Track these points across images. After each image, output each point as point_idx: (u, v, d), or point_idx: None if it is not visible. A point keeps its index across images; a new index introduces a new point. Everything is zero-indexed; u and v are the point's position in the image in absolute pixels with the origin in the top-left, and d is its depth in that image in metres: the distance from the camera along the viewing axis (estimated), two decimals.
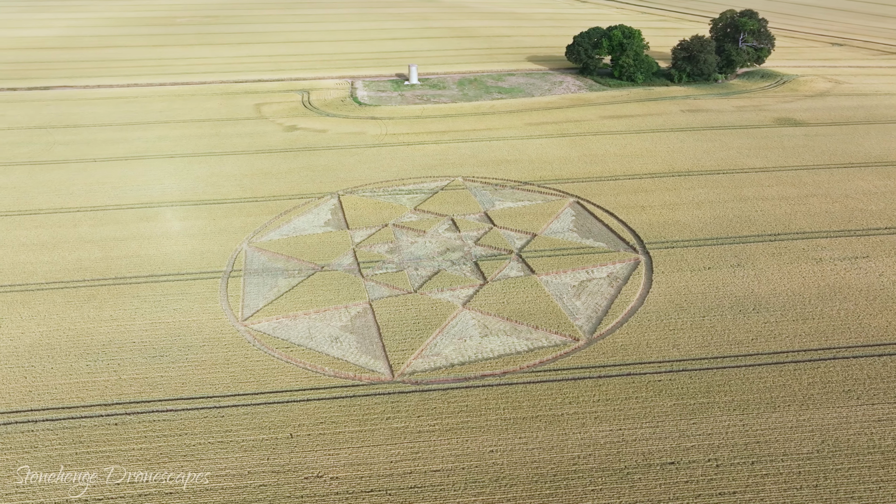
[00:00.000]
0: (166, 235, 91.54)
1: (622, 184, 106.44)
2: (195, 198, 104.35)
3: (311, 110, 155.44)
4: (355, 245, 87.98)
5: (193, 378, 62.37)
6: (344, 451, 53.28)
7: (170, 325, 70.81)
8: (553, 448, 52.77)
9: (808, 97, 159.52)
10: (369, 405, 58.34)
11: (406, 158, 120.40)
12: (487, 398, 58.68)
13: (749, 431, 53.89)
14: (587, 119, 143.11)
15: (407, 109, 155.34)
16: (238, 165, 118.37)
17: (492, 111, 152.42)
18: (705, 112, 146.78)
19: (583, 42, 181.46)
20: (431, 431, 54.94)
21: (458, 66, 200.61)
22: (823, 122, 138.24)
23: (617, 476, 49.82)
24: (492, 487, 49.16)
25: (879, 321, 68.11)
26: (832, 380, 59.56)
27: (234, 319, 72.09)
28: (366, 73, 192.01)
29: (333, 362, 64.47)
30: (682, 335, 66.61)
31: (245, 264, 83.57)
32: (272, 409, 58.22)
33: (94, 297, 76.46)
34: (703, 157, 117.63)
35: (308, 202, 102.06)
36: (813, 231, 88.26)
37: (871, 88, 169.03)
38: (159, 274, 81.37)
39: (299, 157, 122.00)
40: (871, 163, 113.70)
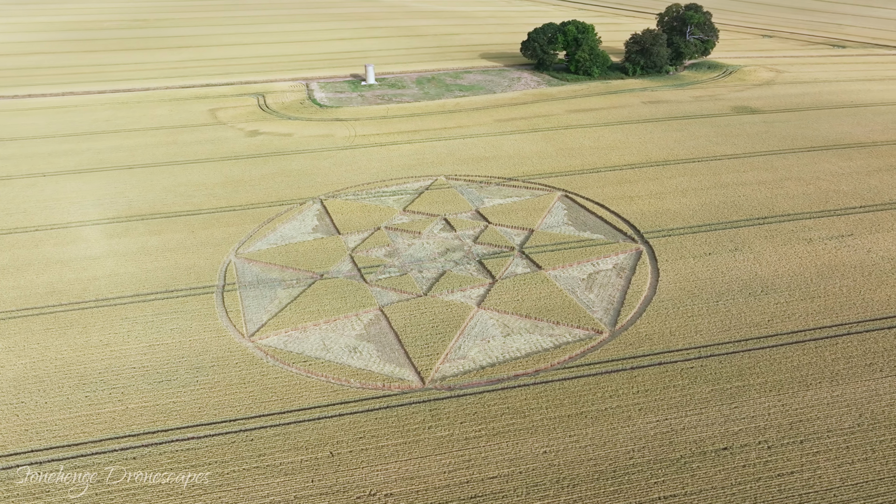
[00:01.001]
0: (144, 251, 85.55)
1: (605, 176, 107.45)
2: (166, 210, 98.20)
3: (270, 114, 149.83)
4: (351, 250, 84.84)
5: (210, 401, 58.13)
6: (392, 465, 50.77)
7: (170, 347, 65.92)
8: (605, 443, 52.02)
9: (756, 86, 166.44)
10: (407, 415, 55.93)
11: (382, 159, 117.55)
12: (527, 398, 57.36)
13: (789, 411, 54.87)
14: (555, 114, 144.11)
15: (371, 110, 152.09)
16: (205, 174, 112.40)
17: (457, 109, 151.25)
18: (666, 103, 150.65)
19: (538, 38, 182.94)
20: (478, 437, 53.14)
21: (412, 65, 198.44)
22: (777, 109, 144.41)
23: (675, 466, 49.56)
24: (555, 489, 47.90)
25: (880, 295, 71.09)
26: (853, 354, 61.57)
27: (240, 336, 67.88)
28: (320, 75, 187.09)
29: (357, 373, 61.58)
30: (701, 321, 67.38)
31: (238, 277, 79.07)
32: (304, 427, 54.91)
33: (77, 322, 70.37)
34: (676, 146, 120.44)
35: (290, 209, 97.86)
36: (796, 213, 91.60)
37: (811, 76, 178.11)
38: (145, 293, 75.82)
39: (270, 163, 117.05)
40: (830, 146, 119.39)
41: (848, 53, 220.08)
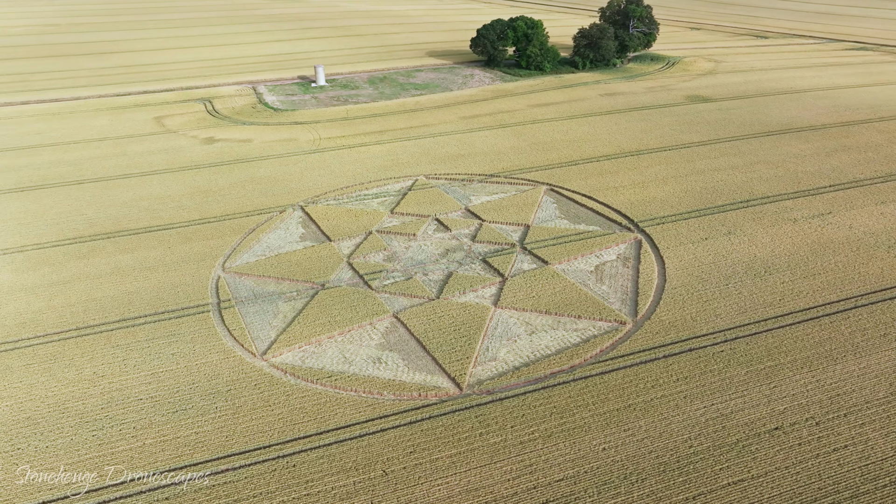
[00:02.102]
0: (119, 272, 78.77)
1: (584, 168, 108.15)
2: (133, 226, 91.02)
3: (222, 120, 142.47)
4: (348, 257, 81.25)
5: (236, 429, 53.71)
6: (451, 478, 48.37)
7: (176, 374, 60.66)
8: (661, 434, 51.60)
9: (701, 76, 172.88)
10: (453, 424, 53.59)
11: (355, 162, 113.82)
12: (570, 396, 56.25)
13: (824, 386, 56.31)
14: (517, 109, 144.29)
15: (329, 112, 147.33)
16: (167, 185, 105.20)
17: (418, 108, 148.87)
18: (622, 95, 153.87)
19: (488, 34, 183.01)
20: (532, 440, 51.53)
21: (361, 65, 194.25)
22: (726, 97, 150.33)
23: (735, 450, 49.71)
24: (625, 486, 46.95)
25: (873, 269, 74.56)
26: (865, 327, 64.08)
27: (251, 355, 63.35)
28: (265, 78, 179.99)
29: (388, 385, 58.61)
30: (718, 304, 68.44)
31: (232, 293, 74.01)
32: (348, 447, 51.57)
33: (60, 355, 63.68)
34: (644, 136, 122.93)
35: (271, 217, 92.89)
36: (774, 195, 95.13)
37: (747, 65, 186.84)
38: (132, 317, 69.66)
39: (235, 171, 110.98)
40: (785, 130, 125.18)
41: (771, 43, 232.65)
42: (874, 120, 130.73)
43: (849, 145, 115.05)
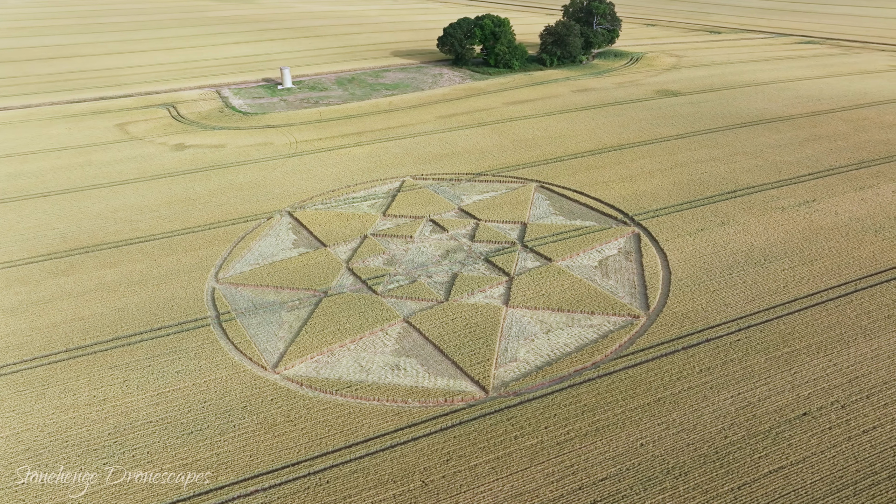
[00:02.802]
0: (105, 288, 74.47)
1: (569, 164, 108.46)
2: (113, 239, 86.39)
3: (189, 125, 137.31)
4: (346, 262, 79.01)
5: (260, 447, 51.14)
6: (493, 484, 47.13)
7: (184, 392, 57.49)
8: (695, 426, 51.62)
9: (666, 71, 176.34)
10: (486, 428, 52.36)
11: (337, 164, 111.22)
12: (598, 393, 55.77)
13: (842, 370, 57.49)
14: (493, 107, 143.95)
15: (301, 114, 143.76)
16: (142, 195, 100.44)
17: (392, 108, 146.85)
18: (594, 91, 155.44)
19: (455, 33, 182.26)
20: (569, 440, 50.78)
21: (326, 67, 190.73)
22: (695, 90, 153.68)
23: (770, 438, 50.10)
24: (670, 481, 46.68)
25: (864, 253, 76.90)
26: (869, 309, 65.89)
27: (261, 369, 60.63)
28: (228, 81, 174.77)
29: (412, 392, 56.94)
30: (726, 294, 69.27)
31: (230, 304, 70.85)
32: (381, 459, 49.72)
33: (53, 379, 59.58)
34: (623, 131, 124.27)
35: (258, 225, 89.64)
36: (758, 184, 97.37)
37: (707, 59, 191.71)
38: (127, 335, 65.82)
39: (212, 178, 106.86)
40: (756, 121, 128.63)
41: (725, 38, 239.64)
42: (837, 110, 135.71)
43: (819, 135, 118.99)
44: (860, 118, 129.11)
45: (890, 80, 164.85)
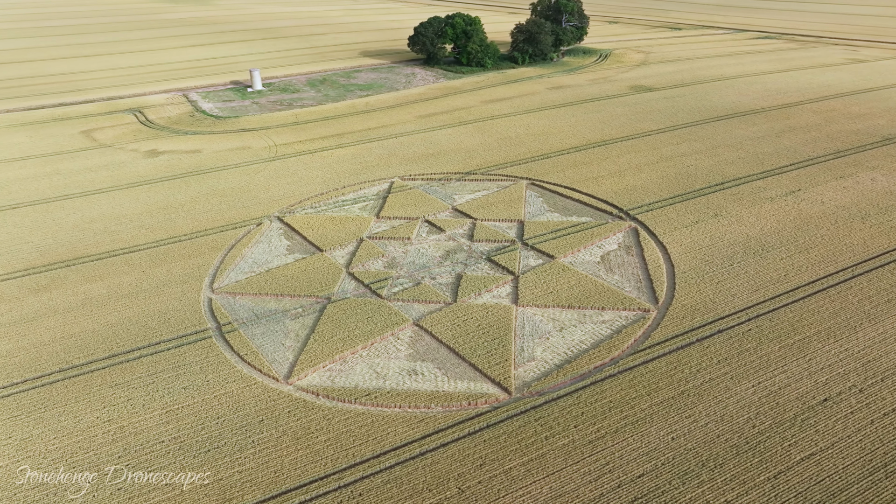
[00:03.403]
0: (92, 302, 70.81)
1: (556, 161, 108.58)
2: (94, 251, 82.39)
3: (160, 130, 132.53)
4: (346, 267, 77.11)
5: (283, 462, 49.10)
6: (531, 486, 46.29)
7: (194, 409, 54.88)
8: (722, 417, 51.84)
9: (635, 67, 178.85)
10: (515, 430, 51.50)
11: (322, 167, 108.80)
12: (622, 389, 55.55)
13: (853, 355, 58.68)
14: (472, 105, 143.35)
15: (276, 117, 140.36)
16: (119, 204, 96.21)
17: (370, 109, 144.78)
18: (569, 88, 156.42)
19: (426, 32, 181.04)
20: (600, 438, 50.34)
21: (294, 68, 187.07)
22: (667, 85, 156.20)
23: (797, 425, 50.66)
24: (706, 473, 46.65)
25: (855, 239, 79.02)
26: (870, 294, 67.60)
27: (273, 380, 58.40)
28: (194, 84, 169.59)
29: (433, 396, 55.67)
30: (730, 285, 70.10)
31: (230, 315, 68.20)
32: (412, 467, 48.32)
33: (51, 401, 56.16)
34: (604, 126, 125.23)
35: (248, 231, 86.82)
36: (743, 176, 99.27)
37: (674, 55, 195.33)
38: (124, 351, 62.62)
39: (192, 184, 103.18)
40: (731, 114, 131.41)
41: (686, 34, 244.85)
42: (805, 102, 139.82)
43: (793, 126, 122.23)
44: (828, 109, 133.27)
45: (849, 72, 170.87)
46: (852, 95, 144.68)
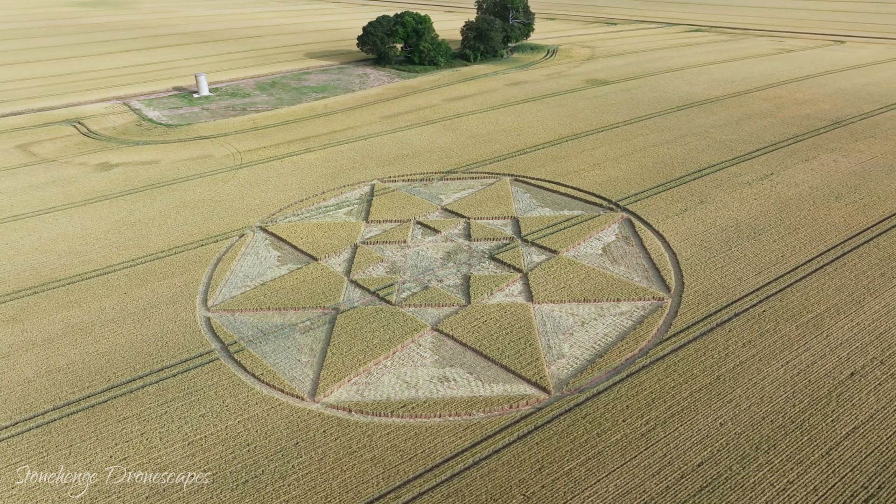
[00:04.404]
0: (75, 331, 64.75)
1: (533, 156, 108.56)
2: (63, 275, 75.62)
3: (106, 142, 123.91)
4: (347, 275, 73.99)
5: (333, 485, 46.09)
6: (597, 486, 45.33)
7: (220, 437, 50.88)
8: (762, 399, 52.60)
9: (585, 61, 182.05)
10: (564, 430, 50.44)
11: (294, 173, 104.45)
12: (658, 379, 55.53)
13: (865, 328, 61.01)
14: (435, 104, 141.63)
15: (232, 123, 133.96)
16: (80, 223, 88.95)
17: (330, 111, 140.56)
18: (527, 83, 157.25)
19: (375, 31, 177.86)
20: (651, 430, 49.99)
21: (238, 72, 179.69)
22: (621, 78, 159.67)
23: (834, 400, 51.99)
24: (763, 456, 47.10)
25: (837, 218, 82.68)
26: (865, 269, 70.68)
27: (298, 399, 55.01)
28: (134, 92, 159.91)
29: (472, 402, 53.88)
30: (734, 269, 71.70)
31: (234, 333, 63.97)
32: (469, 478, 46.40)
33: (51, 444, 50.70)
34: (571, 120, 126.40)
35: (232, 244, 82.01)
36: (717, 163, 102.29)
37: (619, 49, 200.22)
38: (123, 381, 57.47)
39: (158, 197, 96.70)
40: (689, 104, 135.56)
41: (623, 29, 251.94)
42: (753, 90, 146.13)
43: (749, 113, 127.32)
44: (775, 97, 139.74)
45: (782, 61, 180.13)
46: (793, 83, 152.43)
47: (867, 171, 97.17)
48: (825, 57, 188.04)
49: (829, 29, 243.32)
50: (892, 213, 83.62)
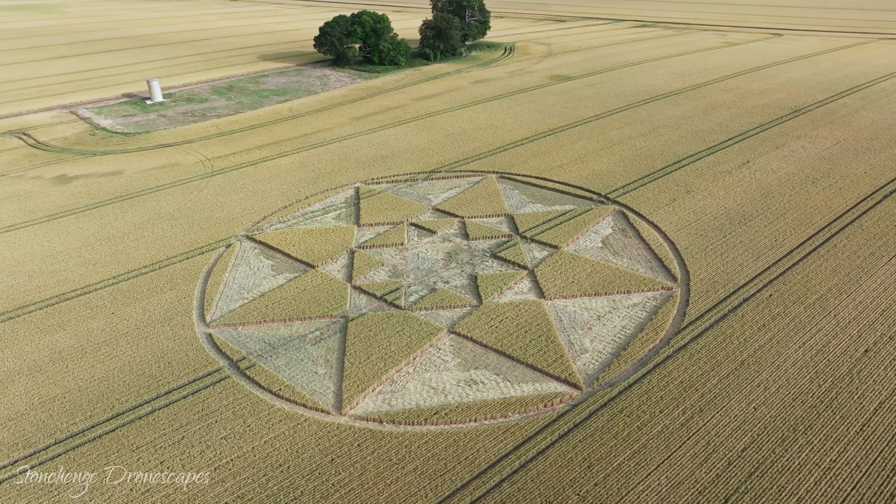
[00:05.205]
0: (65, 357, 60.08)
1: (514, 152, 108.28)
2: (37, 297, 70.20)
3: (60, 153, 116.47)
4: (349, 281, 71.55)
5: (380, 500, 44.00)
6: (649, 479, 44.96)
7: (247, 459, 47.94)
8: (787, 381, 53.53)
9: (544, 58, 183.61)
10: (604, 425, 49.94)
11: (272, 179, 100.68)
12: (685, 368, 55.82)
13: (867, 306, 63.17)
14: (403, 104, 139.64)
15: (195, 129, 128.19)
16: (46, 241, 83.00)
17: (295, 114, 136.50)
18: (492, 81, 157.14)
19: (333, 31, 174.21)
20: (690, 419, 50.08)
21: (191, 77, 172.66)
22: (583, 73, 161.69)
23: (855, 377, 53.44)
24: (802, 437, 47.77)
25: (817, 201, 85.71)
26: (855, 249, 73.34)
27: (323, 413, 52.56)
28: (81, 100, 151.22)
29: (505, 404, 52.75)
30: (734, 255, 73.13)
31: (241, 349, 60.71)
32: (519, 482, 45.22)
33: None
34: (544, 116, 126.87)
35: (220, 255, 78.11)
36: (694, 153, 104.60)
37: (574, 45, 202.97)
38: (128, 408, 53.58)
39: (129, 210, 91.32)
40: (653, 97, 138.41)
41: (573, 26, 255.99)
42: (711, 82, 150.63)
43: (713, 104, 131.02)
44: (734, 88, 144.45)
45: (730, 54, 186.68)
46: (746, 74, 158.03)
47: (835, 157, 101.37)
48: (768, 49, 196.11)
49: (766, 23, 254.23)
50: (866, 195, 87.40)
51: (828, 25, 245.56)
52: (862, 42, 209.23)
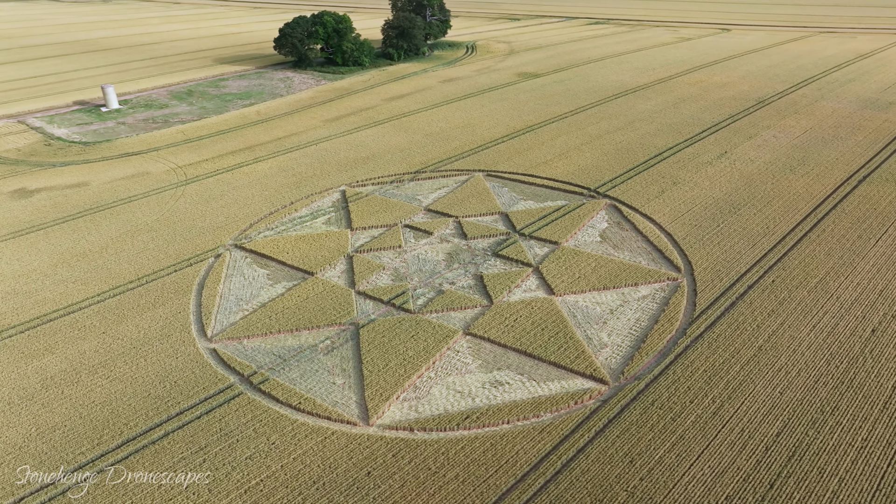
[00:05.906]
0: (59, 382, 56.02)
1: (497, 150, 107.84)
2: (16, 320, 65.47)
3: (15, 165, 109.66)
4: (351, 287, 69.46)
5: None
6: (692, 469, 44.96)
7: (278, 478, 45.62)
8: (807, 364, 54.55)
9: (508, 56, 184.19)
10: (638, 419, 49.74)
11: (252, 185, 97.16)
12: (706, 357, 56.29)
13: (866, 287, 65.23)
14: (375, 105, 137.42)
15: (159, 136, 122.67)
16: (16, 259, 77.73)
17: (264, 118, 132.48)
18: (460, 80, 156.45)
19: (294, 33, 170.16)
20: (720, 407, 50.36)
21: (146, 82, 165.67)
22: (549, 70, 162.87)
23: (868, 357, 54.81)
24: (832, 419, 48.67)
25: (798, 188, 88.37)
26: (843, 232, 75.84)
27: (350, 425, 50.61)
28: (29, 108, 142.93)
29: (535, 404, 51.97)
30: (731, 244, 74.49)
31: (251, 363, 57.99)
32: (564, 483, 44.46)
33: None
34: (519, 114, 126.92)
35: (210, 268, 74.64)
36: (673, 145, 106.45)
37: (535, 43, 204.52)
38: (140, 433, 50.33)
39: (103, 223, 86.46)
40: (622, 91, 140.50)
41: (529, 24, 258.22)
42: (675, 76, 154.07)
43: (681, 97, 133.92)
44: (697, 81, 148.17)
45: (686, 49, 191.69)
46: (706, 68, 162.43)
47: (805, 145, 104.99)
48: (720, 44, 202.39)
49: (713, 18, 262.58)
50: (843, 181, 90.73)
51: (772, 21, 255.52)
52: (805, 36, 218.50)
